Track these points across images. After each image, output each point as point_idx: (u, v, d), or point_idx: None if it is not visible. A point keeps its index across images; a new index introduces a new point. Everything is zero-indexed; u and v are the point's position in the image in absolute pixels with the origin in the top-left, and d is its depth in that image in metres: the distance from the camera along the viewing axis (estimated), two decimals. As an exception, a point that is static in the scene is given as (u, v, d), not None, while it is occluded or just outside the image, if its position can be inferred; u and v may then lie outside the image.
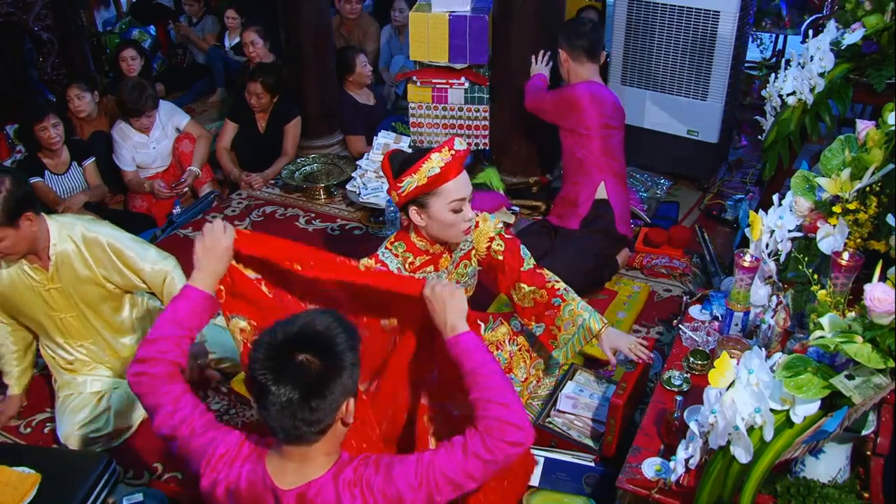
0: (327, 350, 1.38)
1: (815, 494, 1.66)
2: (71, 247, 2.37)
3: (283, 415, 1.36)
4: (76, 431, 2.46)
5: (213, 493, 1.51)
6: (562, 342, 2.33)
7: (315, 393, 1.36)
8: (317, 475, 1.44)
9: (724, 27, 3.44)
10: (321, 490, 1.43)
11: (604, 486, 2.11)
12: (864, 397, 1.48)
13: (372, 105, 4.55)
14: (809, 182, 2.09)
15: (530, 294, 2.33)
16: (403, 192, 2.07)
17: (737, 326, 2.15)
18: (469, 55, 3.70)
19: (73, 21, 5.08)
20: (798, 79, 2.69)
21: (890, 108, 1.92)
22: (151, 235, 3.74)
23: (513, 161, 3.88)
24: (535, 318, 2.37)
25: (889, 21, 2.59)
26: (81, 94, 4.19)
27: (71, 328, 2.51)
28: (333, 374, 1.38)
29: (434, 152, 2.04)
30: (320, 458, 1.45)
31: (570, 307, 2.31)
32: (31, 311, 2.46)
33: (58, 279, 2.39)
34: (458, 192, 2.07)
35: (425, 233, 2.18)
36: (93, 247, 2.39)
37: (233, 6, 5.68)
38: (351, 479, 1.44)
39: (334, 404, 1.38)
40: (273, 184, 4.24)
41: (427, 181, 2.04)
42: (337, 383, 1.38)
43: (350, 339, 1.42)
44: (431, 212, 2.10)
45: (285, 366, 1.36)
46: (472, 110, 3.87)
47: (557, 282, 2.37)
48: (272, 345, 1.38)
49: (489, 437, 1.45)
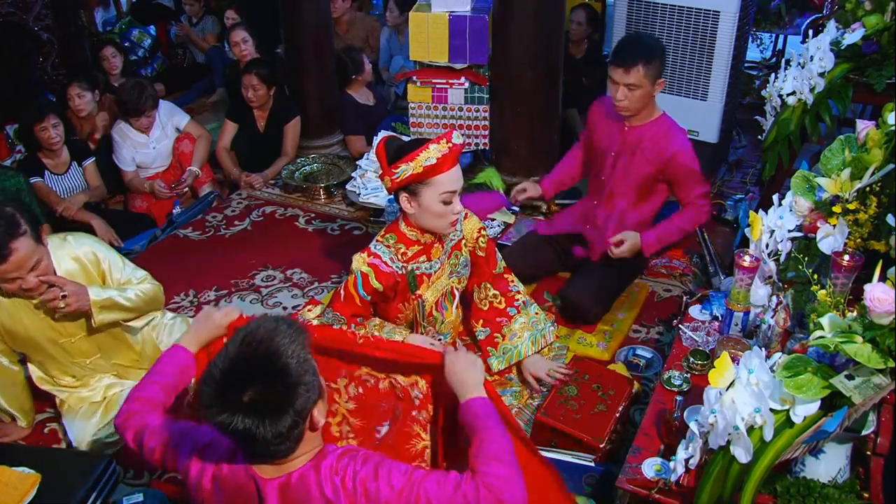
0: (274, 377, 1.31)
1: (815, 494, 1.66)
2: (74, 265, 2.31)
3: (253, 443, 1.33)
4: (90, 437, 2.45)
5: (200, 482, 1.52)
6: (500, 351, 2.46)
7: (273, 419, 1.31)
8: (297, 466, 1.44)
9: (724, 27, 3.44)
10: (303, 477, 1.43)
11: (603, 485, 2.12)
12: (864, 397, 1.48)
13: (372, 105, 4.56)
14: (809, 182, 2.09)
15: (492, 297, 2.48)
16: (397, 179, 2.11)
17: (737, 326, 2.15)
18: (469, 55, 3.70)
19: (73, 21, 5.08)
20: (798, 79, 2.70)
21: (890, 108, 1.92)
22: (151, 235, 3.74)
23: (513, 161, 3.87)
24: (484, 321, 2.49)
25: (889, 21, 2.59)
26: (82, 93, 4.21)
27: (78, 349, 2.44)
28: (287, 397, 1.32)
29: (432, 143, 2.08)
30: (299, 457, 1.44)
31: (522, 320, 2.48)
32: (40, 339, 2.35)
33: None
34: (450, 184, 2.12)
35: (414, 221, 2.21)
36: (90, 259, 2.36)
37: (233, 6, 5.69)
38: (334, 466, 1.43)
39: (298, 418, 1.34)
40: (273, 184, 4.25)
41: (422, 170, 2.07)
42: (295, 402, 1.32)
43: (299, 353, 1.34)
44: (422, 201, 2.14)
45: (235, 405, 1.29)
46: (472, 110, 3.87)
47: (518, 292, 2.52)
48: (217, 384, 1.31)
49: (484, 489, 1.44)
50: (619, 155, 2.90)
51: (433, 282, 2.30)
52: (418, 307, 2.29)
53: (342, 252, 3.55)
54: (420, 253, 2.26)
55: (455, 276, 2.37)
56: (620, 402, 2.29)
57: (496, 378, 2.49)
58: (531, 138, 3.80)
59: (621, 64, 2.65)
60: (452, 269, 2.36)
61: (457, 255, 2.36)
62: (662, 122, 2.84)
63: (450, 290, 2.37)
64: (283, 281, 3.39)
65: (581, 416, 2.24)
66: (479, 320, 2.50)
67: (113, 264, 2.41)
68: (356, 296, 2.22)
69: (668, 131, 2.83)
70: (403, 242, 2.24)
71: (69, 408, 2.52)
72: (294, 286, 3.35)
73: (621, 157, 2.90)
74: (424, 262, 2.27)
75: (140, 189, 4.07)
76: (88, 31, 5.56)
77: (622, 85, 2.68)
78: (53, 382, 2.52)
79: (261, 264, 3.52)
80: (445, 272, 2.33)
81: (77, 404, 2.51)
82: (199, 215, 3.96)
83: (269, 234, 3.80)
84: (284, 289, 3.34)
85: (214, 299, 3.28)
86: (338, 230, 3.81)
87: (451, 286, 2.37)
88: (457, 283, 2.39)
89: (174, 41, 6.18)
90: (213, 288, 3.35)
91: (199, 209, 4.00)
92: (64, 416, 2.52)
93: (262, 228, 3.86)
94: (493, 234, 3.47)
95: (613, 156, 2.92)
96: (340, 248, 3.59)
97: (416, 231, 2.23)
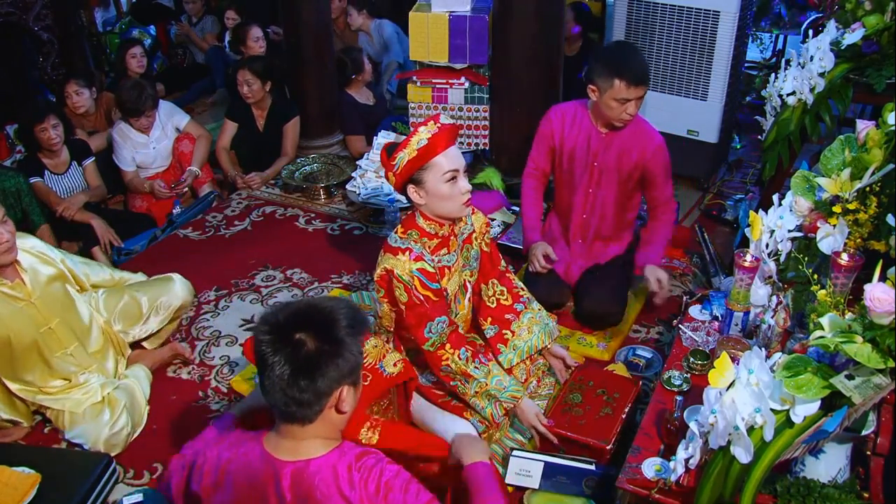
0: (325, 333, 1.40)
1: (815, 494, 1.65)
2: (28, 258, 2.48)
3: (274, 389, 1.40)
4: (105, 436, 2.45)
5: (202, 485, 1.54)
6: (511, 347, 2.47)
7: (305, 373, 1.38)
8: (314, 455, 1.46)
9: (724, 27, 3.44)
10: (320, 468, 1.45)
11: (604, 488, 2.12)
12: (864, 397, 1.48)
13: (372, 105, 4.56)
14: (809, 182, 2.09)
15: (499, 294, 2.50)
16: (398, 170, 2.13)
17: (737, 326, 2.15)
18: (469, 55, 3.70)
19: (73, 21, 5.08)
20: (798, 79, 2.70)
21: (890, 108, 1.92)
22: (151, 235, 3.74)
23: (513, 161, 3.87)
24: (492, 319, 2.50)
25: (889, 21, 2.59)
26: (80, 90, 4.22)
27: (57, 338, 2.50)
28: (327, 358, 1.39)
29: (420, 126, 2.11)
30: (316, 440, 1.47)
31: (530, 315, 2.51)
32: (23, 335, 2.42)
33: (37, 288, 2.45)
34: (450, 163, 2.13)
35: (428, 212, 2.21)
36: (40, 246, 2.55)
37: (233, 6, 5.69)
38: (353, 464, 1.46)
39: (326, 388, 1.40)
40: (273, 184, 4.25)
41: (417, 153, 2.09)
42: (330, 367, 1.39)
43: (352, 327, 1.43)
44: (428, 187, 2.14)
45: (283, 340, 1.39)
46: (472, 110, 3.87)
47: (523, 289, 2.56)
48: (277, 318, 1.41)
49: None
50: (603, 162, 2.84)
51: (452, 274, 2.31)
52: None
53: (342, 252, 3.55)
54: (440, 245, 2.26)
55: (468, 269, 2.39)
56: (626, 403, 2.29)
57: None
58: (531, 138, 3.77)
59: (638, 82, 2.59)
60: (465, 262, 2.38)
61: (468, 248, 2.38)
62: (636, 120, 2.80)
63: (463, 283, 2.39)
64: (283, 281, 3.39)
65: (586, 422, 2.24)
66: (487, 318, 2.50)
67: (67, 257, 2.66)
68: (431, 293, 2.16)
69: (643, 128, 2.81)
70: (425, 236, 2.23)
71: (72, 416, 2.50)
72: (294, 286, 3.35)
73: (606, 163, 2.84)
74: (445, 255, 2.27)
75: (140, 189, 4.07)
76: (88, 31, 5.56)
77: (634, 100, 2.64)
78: (39, 390, 2.51)
79: (261, 264, 3.52)
80: (460, 265, 2.35)
81: (78, 408, 2.50)
82: (199, 215, 3.96)
83: (269, 235, 3.80)
84: (284, 289, 3.34)
85: (214, 299, 3.28)
86: (338, 230, 3.81)
87: (465, 279, 2.39)
88: (469, 276, 2.41)
89: (174, 41, 6.18)
90: (214, 288, 3.35)
91: (199, 209, 4.00)
92: (68, 429, 2.50)
93: (262, 228, 3.86)
94: (493, 233, 3.47)
95: (597, 165, 2.85)
96: (340, 248, 3.59)
97: (433, 223, 2.22)
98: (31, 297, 2.43)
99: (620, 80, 2.60)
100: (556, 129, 2.91)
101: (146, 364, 2.77)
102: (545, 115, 2.96)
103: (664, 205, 2.90)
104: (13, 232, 2.37)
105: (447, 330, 2.20)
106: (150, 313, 2.81)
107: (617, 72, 2.60)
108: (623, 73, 2.60)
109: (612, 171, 2.85)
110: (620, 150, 2.82)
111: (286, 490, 1.44)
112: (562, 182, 3.01)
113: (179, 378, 2.83)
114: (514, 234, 3.46)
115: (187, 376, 2.84)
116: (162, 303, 2.84)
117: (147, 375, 2.73)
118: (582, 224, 2.99)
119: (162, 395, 2.73)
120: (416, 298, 2.14)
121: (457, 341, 2.22)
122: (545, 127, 2.94)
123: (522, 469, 2.16)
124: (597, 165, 2.86)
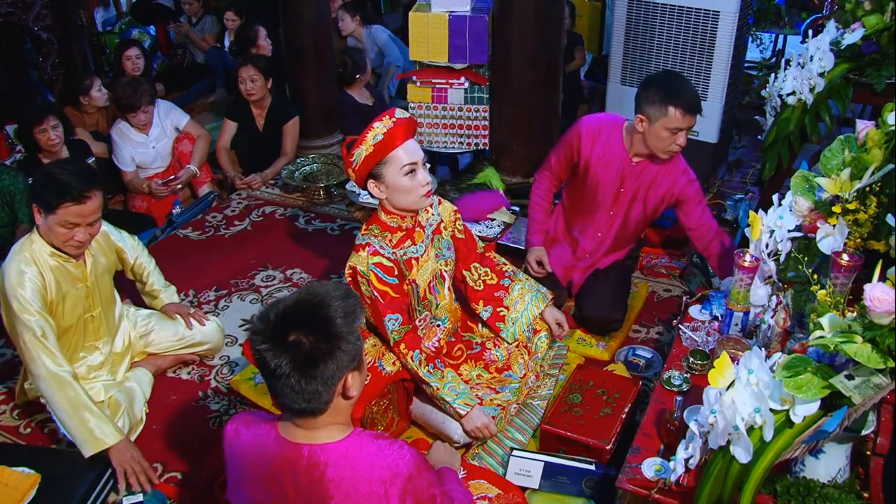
0: (320, 329, 1.40)
1: (814, 494, 1.65)
2: (94, 244, 2.50)
3: (283, 392, 1.42)
4: None
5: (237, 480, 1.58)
6: (510, 322, 2.52)
7: (307, 370, 1.39)
8: (329, 440, 1.48)
9: (724, 27, 3.45)
10: (335, 452, 1.47)
11: (603, 488, 2.12)
12: (864, 397, 1.48)
13: (371, 105, 4.56)
14: (809, 182, 2.09)
15: (483, 275, 2.55)
16: (356, 166, 2.17)
17: (737, 326, 2.15)
18: (469, 55, 3.70)
19: (73, 21, 5.07)
20: (798, 79, 2.70)
21: (890, 108, 1.92)
22: (151, 235, 3.74)
23: (513, 161, 3.88)
24: (484, 301, 2.55)
25: (889, 21, 2.59)
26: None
27: (95, 327, 2.56)
28: (326, 352, 1.40)
29: (376, 122, 2.14)
30: (328, 427, 1.49)
31: (519, 286, 2.55)
32: (71, 314, 2.45)
33: (94, 272, 2.50)
34: (407, 157, 2.15)
35: (389, 206, 2.24)
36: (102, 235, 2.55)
37: (232, 6, 5.69)
38: (373, 450, 1.48)
39: (330, 380, 1.41)
40: (273, 184, 4.25)
41: (374, 148, 2.12)
42: (331, 360, 1.40)
43: (347, 316, 1.43)
44: (387, 181, 2.17)
45: (279, 344, 1.39)
46: (471, 110, 3.87)
47: (505, 264, 2.60)
48: (269, 320, 1.41)
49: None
50: (630, 190, 2.78)
51: (422, 265, 2.34)
52: (412, 292, 2.32)
53: (342, 252, 3.54)
54: (404, 238, 2.29)
55: (441, 258, 2.42)
56: (626, 403, 2.30)
57: (495, 376, 2.51)
58: (531, 138, 3.80)
59: (693, 110, 2.50)
60: (438, 252, 2.40)
61: (438, 238, 2.41)
62: None
63: (439, 273, 2.41)
64: (283, 281, 3.39)
65: (586, 422, 2.24)
66: (478, 301, 2.56)
67: (126, 245, 2.72)
68: (389, 289, 2.20)
69: (674, 158, 2.70)
70: (388, 230, 2.27)
71: None
72: (294, 286, 3.35)
73: (634, 192, 2.78)
74: (410, 247, 2.30)
75: (139, 189, 4.07)
76: (88, 31, 5.56)
77: (686, 129, 2.54)
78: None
79: (261, 264, 3.52)
80: (431, 255, 2.38)
81: None
82: (199, 215, 3.96)
83: (269, 234, 3.80)
84: (284, 289, 3.34)
85: (214, 299, 3.28)
86: (338, 230, 3.81)
87: (440, 269, 2.41)
88: (444, 265, 2.43)
89: (174, 41, 6.18)
90: (213, 288, 3.35)
91: (199, 209, 4.00)
92: None
93: (262, 228, 3.86)
94: (493, 234, 3.47)
95: (624, 192, 2.79)
96: (340, 248, 3.59)
97: (395, 217, 2.26)
98: (87, 281, 2.47)
99: (676, 108, 2.49)
100: (585, 148, 2.78)
101: (150, 368, 2.77)
102: (575, 126, 2.82)
103: (706, 225, 2.76)
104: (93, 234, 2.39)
105: (402, 329, 2.22)
106: (177, 348, 2.82)
107: (672, 100, 2.49)
108: (678, 101, 2.49)
109: (640, 200, 2.80)
110: (651, 182, 2.75)
111: (301, 473, 1.47)
112: (579, 195, 2.92)
113: (179, 378, 2.83)
114: (515, 233, 3.46)
115: (187, 376, 2.84)
116: (189, 338, 2.82)
117: (149, 379, 2.73)
118: (597, 241, 2.95)
119: (162, 395, 2.73)
120: (371, 295, 2.19)
121: (412, 342, 2.24)
122: (572, 138, 2.81)
123: (522, 469, 2.16)
124: (623, 192, 2.80)
